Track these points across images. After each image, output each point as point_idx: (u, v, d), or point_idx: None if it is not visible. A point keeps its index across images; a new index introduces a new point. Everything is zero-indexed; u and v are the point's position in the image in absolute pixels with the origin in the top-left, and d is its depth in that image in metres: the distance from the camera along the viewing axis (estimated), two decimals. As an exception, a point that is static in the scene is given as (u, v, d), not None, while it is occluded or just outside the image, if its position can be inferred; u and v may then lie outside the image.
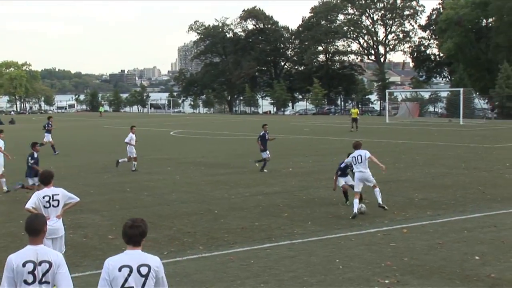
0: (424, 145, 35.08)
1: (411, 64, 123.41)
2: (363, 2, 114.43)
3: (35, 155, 19.43)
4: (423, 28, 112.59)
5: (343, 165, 17.08)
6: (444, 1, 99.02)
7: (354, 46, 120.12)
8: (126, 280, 5.77)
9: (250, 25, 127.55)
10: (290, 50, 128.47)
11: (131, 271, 5.81)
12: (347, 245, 12.60)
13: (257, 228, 14.37)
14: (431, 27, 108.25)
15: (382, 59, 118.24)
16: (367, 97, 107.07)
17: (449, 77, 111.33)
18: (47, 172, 10.49)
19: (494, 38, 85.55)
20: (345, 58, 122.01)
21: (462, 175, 22.48)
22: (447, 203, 17.11)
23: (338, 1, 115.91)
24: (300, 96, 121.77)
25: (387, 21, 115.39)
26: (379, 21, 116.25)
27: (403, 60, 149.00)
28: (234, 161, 28.73)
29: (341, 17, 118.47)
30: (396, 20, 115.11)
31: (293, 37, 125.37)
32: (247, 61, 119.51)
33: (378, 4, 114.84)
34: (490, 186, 19.82)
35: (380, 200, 16.03)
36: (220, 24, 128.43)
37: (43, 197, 10.13)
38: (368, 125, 53.96)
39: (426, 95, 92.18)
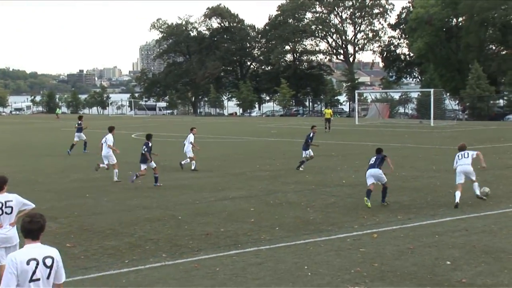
0: (395, 147, 35.40)
1: (381, 64, 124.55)
2: (332, 0, 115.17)
3: (150, 144, 23.31)
4: (393, 27, 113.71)
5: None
6: (414, 0, 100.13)
7: (323, 46, 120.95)
8: (34, 272, 6.28)
9: (215, 23, 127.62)
10: (256, 49, 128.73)
11: (37, 264, 6.31)
12: (316, 251, 12.65)
13: (223, 234, 14.35)
14: (401, 26, 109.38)
15: (351, 59, 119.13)
16: (336, 98, 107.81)
17: (419, 77, 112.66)
18: None
19: (464, 37, 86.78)
20: (313, 57, 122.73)
21: (433, 178, 22.73)
22: (418, 206, 17.28)
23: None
24: (267, 97, 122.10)
25: (356, 19, 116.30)
26: (348, 19, 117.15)
27: (373, 60, 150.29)
28: (198, 164, 28.63)
29: (309, 15, 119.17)
30: (365, 18, 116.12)
31: (260, 36, 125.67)
32: (211, 60, 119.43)
33: (346, 2, 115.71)
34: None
35: (478, 192, 18.06)
36: (184, 22, 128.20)
37: (-4, 204, 9.97)
38: (337, 126, 54.29)
39: (396, 95, 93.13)
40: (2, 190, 10.09)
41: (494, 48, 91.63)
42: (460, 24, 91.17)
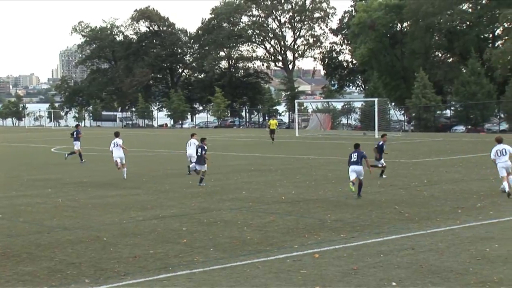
0: (337, 160, 35.79)
1: (322, 72, 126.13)
2: (269, 3, 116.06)
3: (205, 147, 26.87)
4: (335, 32, 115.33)
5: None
6: (356, 3, 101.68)
7: (260, 52, 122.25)
8: None
9: (143, 27, 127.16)
10: (188, 55, 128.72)
11: None
12: (253, 273, 12.66)
13: (152, 257, 14.23)
14: (343, 31, 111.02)
15: (290, 66, 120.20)
16: (274, 108, 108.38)
17: (363, 86, 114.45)
18: None
19: (409, 44, 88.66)
20: (250, 64, 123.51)
21: (377, 194, 23.07)
22: (362, 224, 17.50)
23: (242, 1, 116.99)
24: (201, 107, 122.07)
25: (295, 24, 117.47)
26: (287, 24, 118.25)
27: (313, 67, 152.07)
28: (125, 181, 28.37)
29: (245, 19, 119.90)
30: (305, 23, 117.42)
31: (192, 41, 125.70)
32: (140, 67, 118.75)
33: (285, 5, 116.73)
34: (407, 205, 20.44)
35: (507, 189, 21.40)
36: (109, 26, 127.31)
37: None
38: (276, 139, 54.62)
39: (339, 105, 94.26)
40: None
41: (440, 55, 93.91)
42: (405, 29, 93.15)
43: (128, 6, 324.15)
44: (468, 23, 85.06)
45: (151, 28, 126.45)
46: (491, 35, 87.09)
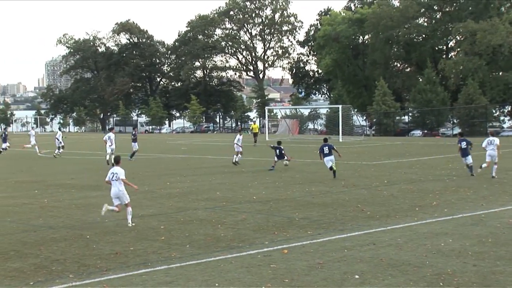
0: (304, 163, 35.90)
1: (290, 81, 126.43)
2: (241, 16, 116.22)
3: (282, 147, 33.05)
4: (302, 44, 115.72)
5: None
6: (321, 17, 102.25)
7: (233, 62, 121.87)
8: None
9: (123, 39, 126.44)
10: (166, 65, 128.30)
11: None
12: (227, 268, 12.64)
13: (132, 253, 14.15)
14: (310, 43, 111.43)
15: (261, 75, 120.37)
16: (246, 114, 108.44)
17: (328, 93, 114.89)
18: None
19: (370, 55, 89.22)
20: (224, 74, 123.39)
21: (341, 193, 23.16)
22: (327, 221, 17.56)
23: (215, 15, 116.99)
24: (177, 114, 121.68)
25: (265, 36, 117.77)
26: (257, 36, 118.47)
27: (282, 76, 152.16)
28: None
29: (218, 31, 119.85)
30: (274, 35, 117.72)
31: (169, 52, 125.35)
32: (120, 77, 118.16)
33: (256, 19, 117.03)
34: (369, 203, 20.54)
35: (494, 174, 26.61)
36: (91, 38, 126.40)
37: None
38: (247, 143, 54.60)
39: (306, 112, 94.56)
40: None
41: (398, 65, 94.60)
42: (367, 41, 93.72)
43: (109, 20, 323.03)
44: (424, 35, 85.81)
45: (131, 40, 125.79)
46: (445, 47, 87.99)
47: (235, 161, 35.23)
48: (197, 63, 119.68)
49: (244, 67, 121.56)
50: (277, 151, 33.19)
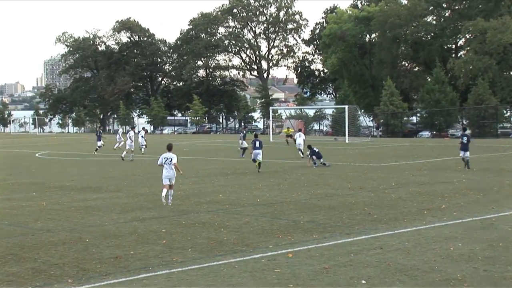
0: (309, 164, 35.84)
1: (295, 80, 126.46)
2: (245, 14, 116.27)
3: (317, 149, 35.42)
4: (307, 42, 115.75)
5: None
6: (327, 15, 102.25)
7: (236, 61, 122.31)
8: None
9: (124, 37, 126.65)
10: (168, 64, 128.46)
11: None
12: (230, 272, 12.61)
13: (133, 257, 14.13)
14: (315, 42, 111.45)
15: (265, 75, 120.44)
16: (250, 114, 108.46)
17: (334, 93, 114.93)
18: None
19: (377, 54, 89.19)
20: (227, 73, 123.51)
21: (348, 196, 23.12)
22: (333, 225, 17.52)
23: (218, 13, 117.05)
24: (179, 114, 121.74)
25: (270, 35, 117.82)
26: (261, 34, 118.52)
27: (286, 76, 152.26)
28: (107, 184, 28.20)
29: (221, 30, 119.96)
30: (279, 34, 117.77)
31: (171, 51, 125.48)
32: (121, 76, 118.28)
33: (260, 17, 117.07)
34: (376, 206, 20.50)
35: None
36: (91, 36, 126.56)
37: None
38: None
39: (311, 112, 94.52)
40: None
41: (406, 64, 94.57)
42: (373, 40, 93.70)
43: (110, 18, 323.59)
44: (432, 34, 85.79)
45: (132, 38, 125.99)
46: (454, 46, 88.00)
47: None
48: (199, 62, 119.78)
49: (248, 66, 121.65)
50: (313, 151, 35.15)
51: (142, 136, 49.21)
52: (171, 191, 21.59)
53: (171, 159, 21.39)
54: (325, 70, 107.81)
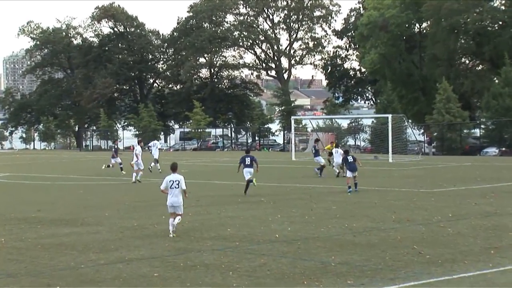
0: (342, 189, 35.80)
1: (324, 82, 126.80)
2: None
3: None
4: (339, 34, 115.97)
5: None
6: (365, 0, 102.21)
7: (249, 58, 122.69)
8: None
9: (105, 28, 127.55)
10: (161, 62, 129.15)
11: None
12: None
13: (116, 310, 14.16)
14: (349, 33, 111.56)
15: (285, 75, 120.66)
16: (266, 126, 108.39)
17: (373, 99, 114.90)
18: None
19: (429, 48, 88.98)
20: (237, 73, 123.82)
21: (392, 230, 23.07)
22: (373, 268, 17.47)
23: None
24: (176, 125, 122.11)
25: (291, 24, 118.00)
26: (281, 24, 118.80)
27: (312, 76, 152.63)
28: (84, 215, 28.25)
29: (230, 18, 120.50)
30: (303, 23, 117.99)
31: (166, 45, 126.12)
32: (101, 77, 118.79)
33: (279, 1, 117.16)
34: (428, 244, 20.43)
35: None
36: (64, 27, 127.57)
37: None
38: (268, 164, 54.63)
39: (344, 123, 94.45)
40: None
41: (467, 61, 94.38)
42: (424, 31, 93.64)
43: (87, 3, 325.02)
44: (500, 23, 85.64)
45: (115, 29, 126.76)
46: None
47: None
48: (202, 60, 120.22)
49: (264, 65, 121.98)
50: (346, 159, 36.30)
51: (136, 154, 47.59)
52: (178, 218, 22.52)
53: (178, 181, 22.37)
54: (362, 69, 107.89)
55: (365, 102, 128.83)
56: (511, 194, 32.95)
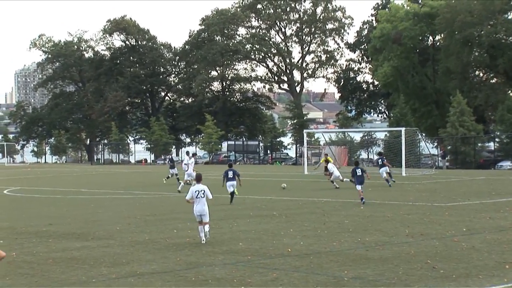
0: (354, 203, 35.77)
1: (337, 95, 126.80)
2: (272, 11, 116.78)
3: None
4: (352, 47, 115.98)
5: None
6: (378, 12, 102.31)
7: (261, 71, 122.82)
8: None
9: (117, 41, 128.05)
10: (173, 75, 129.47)
11: None
12: None
13: (127, 324, 14.15)
14: (362, 46, 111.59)
15: (298, 88, 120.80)
16: (278, 139, 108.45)
17: (386, 112, 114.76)
18: None
19: (443, 61, 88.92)
20: (249, 86, 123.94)
21: (405, 245, 23.01)
22: (387, 283, 17.44)
23: (238, 10, 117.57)
24: (188, 139, 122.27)
25: (304, 37, 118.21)
26: (293, 37, 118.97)
27: (325, 89, 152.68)
28: (95, 229, 28.30)
29: (242, 31, 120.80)
30: (316, 36, 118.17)
31: (178, 58, 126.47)
32: (113, 90, 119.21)
33: (291, 14, 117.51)
34: (442, 258, 20.37)
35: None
36: (76, 40, 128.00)
37: None
38: (280, 177, 54.61)
39: (357, 136, 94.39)
40: None
41: (481, 74, 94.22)
42: (438, 44, 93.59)
43: (99, 16, 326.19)
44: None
45: (127, 42, 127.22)
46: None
47: None
48: (213, 73, 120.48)
49: (276, 78, 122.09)
50: (354, 171, 36.92)
51: (185, 164, 53.50)
52: (207, 226, 24.04)
53: (204, 191, 23.97)
54: (375, 82, 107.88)
55: (378, 116, 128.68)
56: (526, 208, 32.83)
